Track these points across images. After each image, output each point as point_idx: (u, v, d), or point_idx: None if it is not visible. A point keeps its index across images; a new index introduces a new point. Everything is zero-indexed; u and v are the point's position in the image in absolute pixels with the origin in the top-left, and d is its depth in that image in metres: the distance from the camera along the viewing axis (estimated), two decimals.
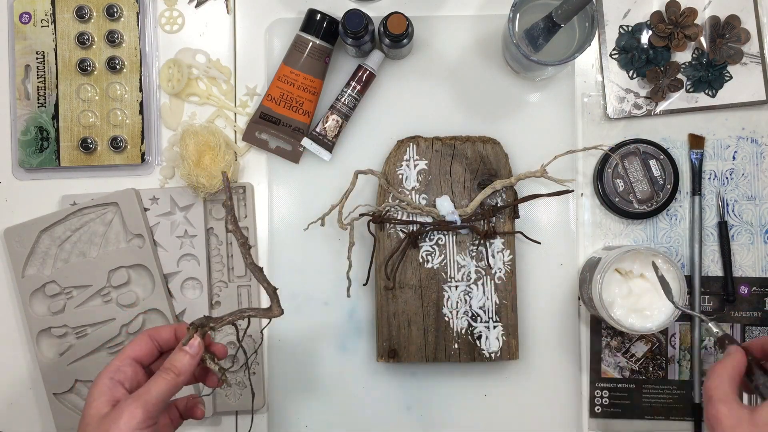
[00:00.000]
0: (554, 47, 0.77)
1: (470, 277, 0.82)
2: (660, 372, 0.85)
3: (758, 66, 0.85)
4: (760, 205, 0.86)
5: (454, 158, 0.83)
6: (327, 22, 0.82)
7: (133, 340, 0.65)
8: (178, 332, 0.67)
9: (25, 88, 0.86)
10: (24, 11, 0.86)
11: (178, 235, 0.85)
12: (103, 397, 0.61)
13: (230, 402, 0.85)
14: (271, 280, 0.85)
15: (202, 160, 0.81)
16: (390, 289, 0.82)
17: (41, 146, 0.85)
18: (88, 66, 0.85)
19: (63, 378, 0.84)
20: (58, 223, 0.84)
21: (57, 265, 0.84)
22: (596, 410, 0.85)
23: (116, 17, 0.85)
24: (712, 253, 0.85)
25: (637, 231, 0.86)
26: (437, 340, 0.82)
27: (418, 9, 0.86)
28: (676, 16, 0.85)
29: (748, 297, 0.85)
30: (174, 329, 0.67)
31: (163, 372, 0.62)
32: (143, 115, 0.86)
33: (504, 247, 0.83)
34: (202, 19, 0.88)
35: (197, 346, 0.64)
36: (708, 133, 0.86)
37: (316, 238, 0.85)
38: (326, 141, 0.84)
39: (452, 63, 0.86)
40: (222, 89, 0.87)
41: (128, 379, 0.62)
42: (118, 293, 0.84)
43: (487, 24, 0.86)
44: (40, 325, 0.84)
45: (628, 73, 0.86)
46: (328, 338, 0.85)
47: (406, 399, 0.85)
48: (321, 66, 0.83)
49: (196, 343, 0.64)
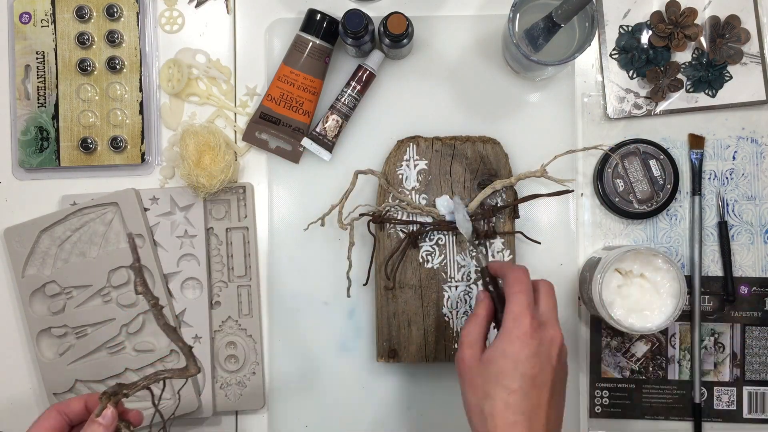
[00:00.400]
0: (554, 47, 0.77)
1: (470, 277, 0.82)
2: (660, 372, 0.85)
3: (758, 66, 0.85)
4: (760, 205, 0.86)
5: (454, 158, 0.83)
6: (327, 22, 0.82)
7: (40, 416, 0.63)
8: (89, 403, 0.64)
9: (25, 88, 0.86)
10: (24, 11, 0.86)
11: (178, 235, 0.85)
12: None
13: (230, 402, 0.85)
14: (272, 280, 0.86)
15: (202, 160, 0.81)
16: (390, 289, 0.82)
17: (41, 146, 0.86)
18: (88, 66, 0.85)
19: (63, 378, 0.84)
20: (58, 223, 0.84)
21: (57, 265, 0.84)
22: (596, 410, 0.85)
23: (116, 17, 0.85)
24: (712, 253, 0.85)
25: (637, 231, 0.86)
26: (437, 340, 0.82)
27: (418, 9, 0.86)
28: (676, 16, 0.85)
29: (748, 297, 0.85)
30: (84, 400, 0.64)
31: None
32: (143, 115, 0.86)
33: (504, 247, 0.83)
34: (202, 19, 0.88)
35: (110, 416, 0.61)
36: (708, 133, 0.86)
37: (316, 238, 0.85)
38: (326, 141, 0.84)
39: (452, 63, 0.86)
40: (222, 89, 0.87)
41: None
42: (118, 293, 0.84)
43: (487, 24, 0.86)
44: (40, 325, 0.84)
45: (628, 73, 0.86)
46: (328, 338, 0.85)
47: (406, 399, 0.85)
48: (321, 66, 0.83)
49: (109, 413, 0.61)
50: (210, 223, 0.86)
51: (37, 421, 0.62)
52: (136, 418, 0.64)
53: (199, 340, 0.84)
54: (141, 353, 0.84)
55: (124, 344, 0.84)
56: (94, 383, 0.84)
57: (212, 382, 0.85)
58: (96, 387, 0.84)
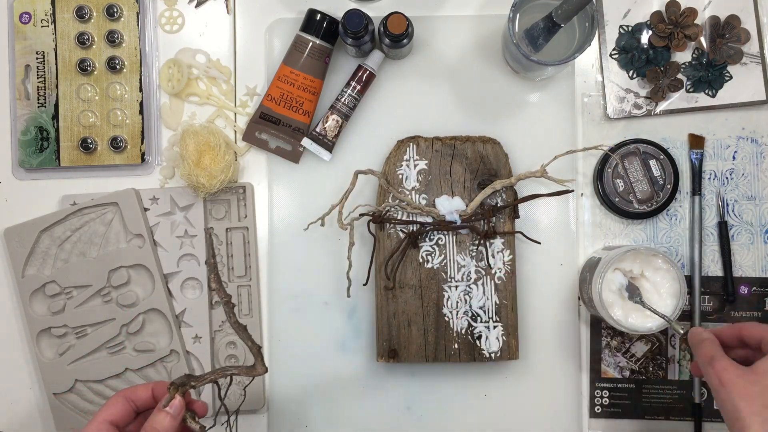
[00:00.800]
0: (554, 47, 0.77)
1: (470, 277, 0.82)
2: (660, 372, 0.85)
3: (758, 66, 0.85)
4: (760, 205, 0.86)
5: (454, 158, 0.83)
6: (327, 22, 0.82)
7: (107, 402, 0.64)
8: (155, 391, 0.65)
9: (25, 88, 0.86)
10: (24, 11, 0.86)
11: (178, 235, 0.85)
12: None
13: (230, 402, 0.85)
14: (272, 280, 0.86)
15: (202, 160, 0.81)
16: (390, 289, 0.82)
17: (41, 146, 0.86)
18: (88, 66, 0.85)
19: (63, 378, 0.84)
20: (58, 223, 0.84)
21: (57, 265, 0.84)
22: (596, 410, 0.85)
23: (116, 17, 0.85)
24: (712, 253, 0.85)
25: (637, 231, 0.86)
26: (437, 340, 0.82)
27: (418, 9, 0.86)
28: (676, 16, 0.85)
29: (748, 297, 0.85)
30: (151, 387, 0.65)
31: None
32: (143, 115, 0.86)
33: (504, 247, 0.83)
34: (202, 19, 0.88)
35: (178, 405, 0.62)
36: (708, 133, 0.86)
37: (316, 238, 0.85)
38: (326, 141, 0.84)
39: (452, 63, 0.86)
40: (222, 89, 0.87)
41: None
42: (118, 293, 0.84)
43: (487, 24, 0.86)
44: (40, 325, 0.84)
45: (628, 73, 0.86)
46: (328, 338, 0.85)
47: (406, 399, 0.85)
48: (321, 66, 0.83)
49: (177, 403, 0.62)
50: (210, 223, 0.86)
51: (104, 407, 0.63)
52: (201, 409, 0.66)
53: (199, 340, 0.84)
54: (141, 353, 0.84)
55: (124, 344, 0.84)
56: (94, 383, 0.84)
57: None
58: (96, 387, 0.84)
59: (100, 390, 0.84)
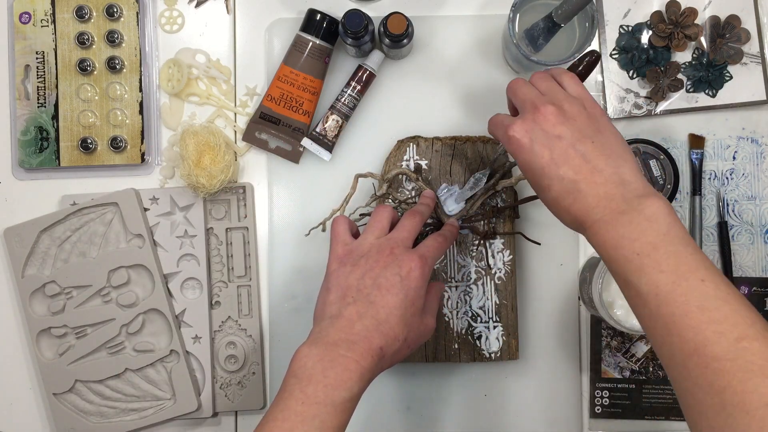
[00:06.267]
0: (554, 47, 0.77)
1: (470, 277, 0.82)
2: (660, 372, 0.85)
3: (758, 66, 0.85)
4: (760, 205, 0.86)
5: (454, 158, 0.83)
6: (327, 22, 0.81)
7: (375, 210, 0.72)
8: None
9: (24, 88, 0.86)
10: (24, 11, 0.86)
11: (178, 235, 0.85)
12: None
13: (230, 402, 0.85)
14: (271, 280, 0.86)
15: (202, 160, 0.81)
16: None
17: (41, 146, 0.85)
18: (88, 66, 0.85)
19: (63, 378, 0.84)
20: (58, 223, 0.84)
21: (57, 265, 0.84)
22: (596, 410, 0.85)
23: (116, 17, 0.85)
24: (712, 253, 0.85)
25: None
26: (437, 340, 0.82)
27: (418, 9, 0.86)
28: (676, 16, 0.85)
29: (748, 297, 0.85)
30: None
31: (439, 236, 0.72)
32: (143, 115, 0.86)
33: (504, 247, 0.83)
34: (202, 19, 0.88)
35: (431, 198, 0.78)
36: (708, 133, 0.86)
37: (317, 238, 0.85)
38: (326, 141, 0.84)
39: (452, 63, 0.86)
40: (222, 89, 0.87)
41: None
42: (118, 293, 0.84)
43: (487, 24, 0.86)
44: (39, 325, 0.84)
45: (628, 73, 0.86)
46: None
47: (406, 399, 0.85)
48: (321, 66, 0.83)
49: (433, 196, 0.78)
50: (210, 223, 0.86)
51: (375, 213, 0.72)
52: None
53: (199, 340, 0.84)
54: (141, 353, 0.84)
55: (124, 344, 0.84)
56: (94, 383, 0.84)
57: (212, 382, 0.85)
58: (96, 387, 0.84)
59: (100, 390, 0.84)
